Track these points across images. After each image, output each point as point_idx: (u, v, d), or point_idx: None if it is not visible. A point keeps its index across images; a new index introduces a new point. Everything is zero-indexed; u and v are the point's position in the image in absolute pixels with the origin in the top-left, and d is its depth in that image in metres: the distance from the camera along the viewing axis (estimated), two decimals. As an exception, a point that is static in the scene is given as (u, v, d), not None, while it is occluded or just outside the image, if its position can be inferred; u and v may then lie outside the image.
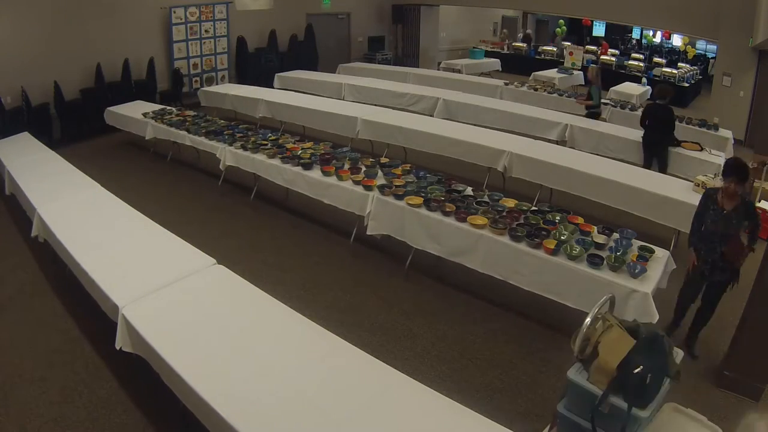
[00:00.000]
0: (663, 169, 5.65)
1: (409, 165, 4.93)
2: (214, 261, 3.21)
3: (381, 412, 2.11)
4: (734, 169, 3.15)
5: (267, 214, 5.61)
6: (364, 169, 4.72)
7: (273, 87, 9.67)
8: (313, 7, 12.13)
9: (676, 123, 5.87)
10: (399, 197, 4.18)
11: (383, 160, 5.10)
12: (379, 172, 4.69)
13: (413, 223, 4.06)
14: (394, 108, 7.79)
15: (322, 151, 5.24)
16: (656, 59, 13.44)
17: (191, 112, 7.13)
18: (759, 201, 5.36)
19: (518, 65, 13.31)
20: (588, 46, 13.75)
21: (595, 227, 3.73)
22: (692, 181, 4.66)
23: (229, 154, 5.59)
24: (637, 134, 6.27)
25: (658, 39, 16.79)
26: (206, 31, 9.98)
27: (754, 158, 5.90)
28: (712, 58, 13.65)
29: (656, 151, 5.71)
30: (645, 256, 3.34)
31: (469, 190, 4.39)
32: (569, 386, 1.97)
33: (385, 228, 4.32)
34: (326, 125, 7.17)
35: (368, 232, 4.39)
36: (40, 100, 7.64)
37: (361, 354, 2.43)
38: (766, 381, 3.10)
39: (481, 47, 14.13)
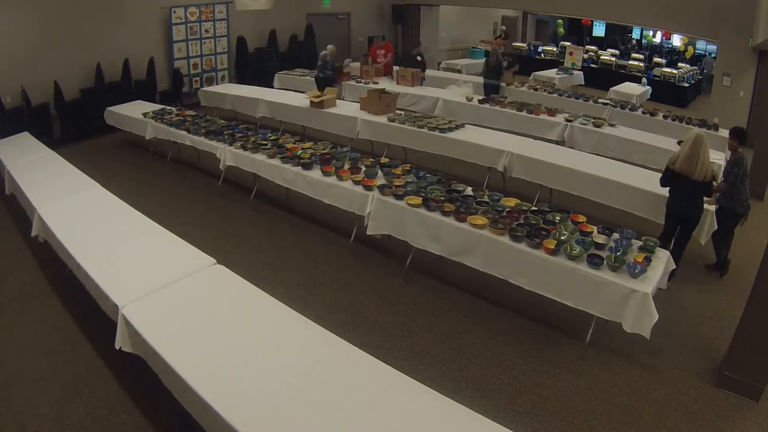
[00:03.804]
0: None
1: (409, 165, 4.93)
2: (214, 261, 3.21)
3: (381, 412, 2.11)
4: (738, 133, 4.57)
5: (267, 214, 5.61)
6: (364, 169, 4.72)
7: (273, 87, 9.67)
8: (313, 7, 12.14)
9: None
10: (399, 197, 4.18)
11: (383, 160, 5.10)
12: (379, 172, 4.69)
13: (413, 223, 4.06)
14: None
15: (322, 151, 5.24)
16: (656, 59, 13.45)
17: (191, 112, 7.13)
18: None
19: (518, 65, 13.31)
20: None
21: (595, 227, 3.74)
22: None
23: (229, 154, 5.59)
24: (636, 134, 6.28)
25: (658, 39, 16.79)
26: (206, 31, 9.98)
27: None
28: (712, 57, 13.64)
29: None
30: (649, 257, 3.34)
31: (469, 190, 4.39)
32: None
33: (385, 228, 4.32)
34: (326, 125, 7.17)
35: (368, 232, 4.39)
36: (40, 100, 7.64)
37: (361, 354, 2.43)
38: (766, 381, 3.10)
39: (481, 47, 14.14)
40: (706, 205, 4.26)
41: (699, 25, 9.43)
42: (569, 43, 13.82)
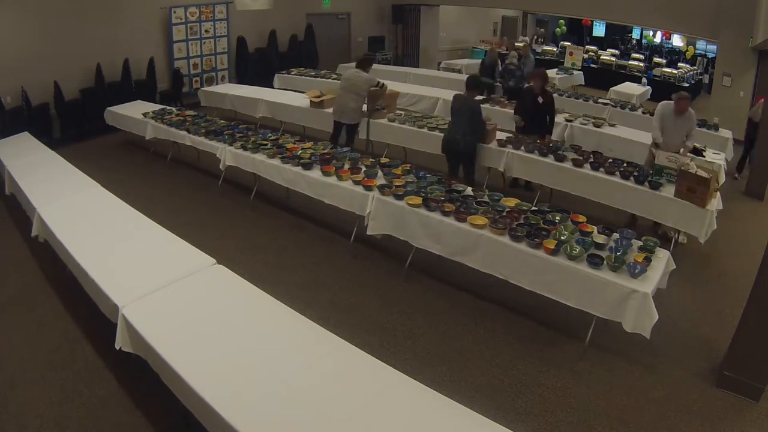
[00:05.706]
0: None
1: (409, 165, 4.93)
2: (214, 261, 3.21)
3: (381, 412, 2.11)
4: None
5: (267, 214, 5.61)
6: (364, 169, 4.72)
7: (273, 87, 9.67)
8: (313, 7, 12.14)
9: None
10: (399, 197, 4.18)
11: (383, 160, 5.10)
12: (379, 172, 4.69)
13: (413, 223, 4.06)
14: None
15: (322, 151, 5.24)
16: (656, 59, 13.45)
17: (191, 112, 7.13)
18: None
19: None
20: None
21: (595, 227, 3.74)
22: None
23: (229, 154, 5.59)
24: (636, 134, 6.27)
25: (658, 39, 16.80)
26: (206, 31, 9.98)
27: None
28: (712, 57, 13.65)
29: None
30: (649, 257, 3.34)
31: (469, 190, 4.39)
32: None
33: (385, 228, 4.32)
34: (326, 125, 7.15)
35: (368, 232, 4.39)
36: (40, 100, 7.64)
37: (361, 354, 2.43)
38: (766, 381, 3.10)
39: (481, 47, 14.13)
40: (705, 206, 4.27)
41: (699, 25, 9.43)
42: (569, 43, 13.82)
